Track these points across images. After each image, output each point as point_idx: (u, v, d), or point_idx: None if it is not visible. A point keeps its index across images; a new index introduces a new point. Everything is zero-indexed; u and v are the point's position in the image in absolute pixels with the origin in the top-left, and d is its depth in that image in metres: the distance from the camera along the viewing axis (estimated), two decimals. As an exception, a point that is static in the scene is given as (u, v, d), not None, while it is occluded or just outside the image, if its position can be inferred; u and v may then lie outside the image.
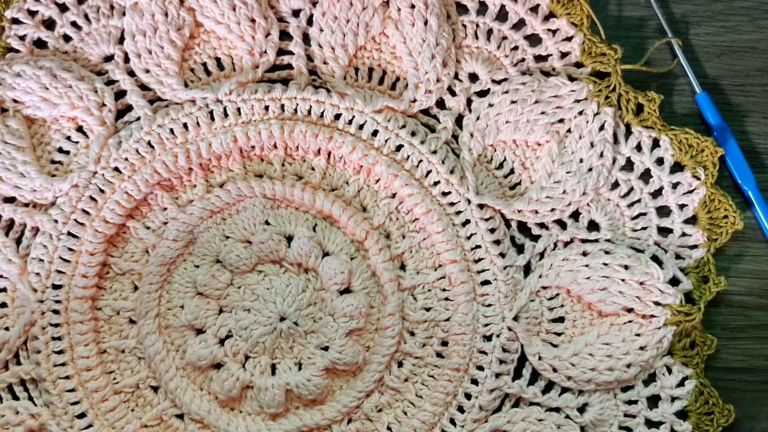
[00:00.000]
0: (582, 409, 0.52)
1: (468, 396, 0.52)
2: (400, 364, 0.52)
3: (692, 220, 0.53)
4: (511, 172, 0.54)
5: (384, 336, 0.52)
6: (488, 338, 0.52)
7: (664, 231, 0.53)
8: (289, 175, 0.53)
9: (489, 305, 0.52)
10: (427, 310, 0.53)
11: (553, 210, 0.52)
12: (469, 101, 0.53)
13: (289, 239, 0.53)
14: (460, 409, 0.52)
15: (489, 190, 0.53)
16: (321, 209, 0.53)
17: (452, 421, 0.52)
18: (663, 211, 0.53)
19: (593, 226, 0.53)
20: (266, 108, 0.52)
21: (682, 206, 0.53)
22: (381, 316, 0.52)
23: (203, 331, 0.52)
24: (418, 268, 0.53)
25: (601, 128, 0.52)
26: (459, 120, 0.53)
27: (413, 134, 0.53)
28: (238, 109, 0.52)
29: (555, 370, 0.51)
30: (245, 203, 0.53)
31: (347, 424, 0.51)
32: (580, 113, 0.52)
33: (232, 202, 0.53)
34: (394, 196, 0.53)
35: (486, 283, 0.52)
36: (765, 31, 0.55)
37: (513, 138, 0.53)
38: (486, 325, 0.52)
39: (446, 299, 0.53)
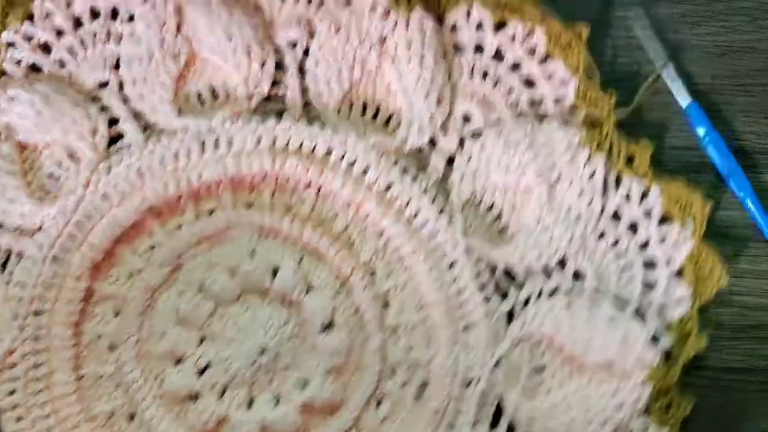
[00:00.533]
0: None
1: (445, 441, 0.51)
2: (378, 404, 0.52)
3: (678, 274, 0.52)
4: (500, 215, 0.53)
5: (364, 375, 0.51)
6: (467, 384, 0.51)
7: (650, 284, 0.52)
8: (278, 206, 0.53)
9: (470, 351, 0.52)
10: (409, 350, 0.52)
11: (539, 256, 0.52)
12: (461, 141, 0.53)
13: (275, 271, 0.53)
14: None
15: (477, 232, 0.53)
16: (308, 242, 0.53)
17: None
18: (649, 264, 0.52)
19: (579, 275, 0.53)
20: (258, 139, 0.52)
21: (668, 259, 0.52)
22: (362, 353, 0.52)
23: (183, 360, 0.52)
24: (403, 307, 0.53)
25: (592, 176, 0.52)
26: (451, 160, 0.53)
27: (404, 173, 0.52)
28: (230, 140, 0.52)
29: (532, 422, 0.51)
30: (233, 232, 0.53)
31: (323, 463, 0.51)
32: (572, 160, 0.52)
33: (220, 231, 0.53)
34: (382, 233, 0.53)
35: (469, 327, 0.52)
36: (765, 31, 0.55)
37: (503, 181, 0.53)
38: (466, 370, 0.51)
39: (428, 341, 0.52)
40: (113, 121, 0.53)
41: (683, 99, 0.53)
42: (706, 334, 0.51)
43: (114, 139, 0.53)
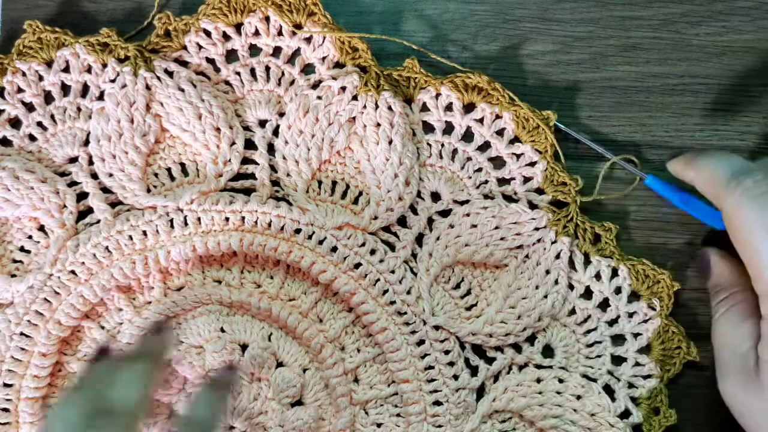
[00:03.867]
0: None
1: None
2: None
3: (646, 350, 0.53)
4: (468, 293, 0.54)
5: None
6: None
7: (618, 360, 0.53)
8: (247, 283, 0.53)
9: (440, 426, 0.52)
10: (379, 426, 0.52)
11: (508, 334, 0.52)
12: (430, 220, 0.53)
13: (243, 347, 0.52)
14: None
15: (445, 311, 0.53)
16: (277, 318, 0.52)
17: None
18: (618, 340, 0.53)
19: (548, 351, 0.53)
20: (226, 219, 0.52)
21: (636, 335, 0.53)
22: (332, 429, 0.52)
23: (149, 435, 0.51)
24: (372, 383, 0.53)
25: (558, 256, 0.53)
26: (419, 239, 0.53)
27: (372, 252, 0.53)
28: (199, 219, 0.52)
29: None
30: (201, 309, 0.53)
31: None
32: (539, 241, 0.53)
33: (188, 308, 0.53)
34: (350, 310, 0.53)
35: (438, 403, 0.52)
36: (765, 31, 0.56)
37: (472, 260, 0.53)
38: None
39: (398, 416, 0.53)
40: (83, 195, 0.53)
41: (642, 176, 0.54)
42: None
43: (83, 214, 0.53)
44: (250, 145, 0.54)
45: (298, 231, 0.52)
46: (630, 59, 0.55)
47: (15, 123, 0.54)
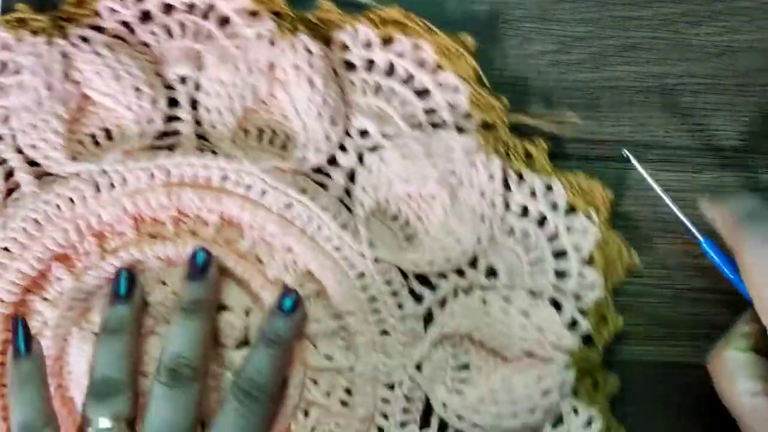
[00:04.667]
0: None
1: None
2: (306, 414, 0.51)
3: (589, 261, 0.53)
4: (407, 223, 0.53)
5: (287, 386, 0.51)
6: (391, 387, 0.51)
7: (562, 273, 0.53)
8: (183, 233, 0.53)
9: (390, 356, 0.52)
10: (329, 358, 0.52)
11: (449, 260, 0.52)
12: (360, 157, 0.53)
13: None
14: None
15: (385, 243, 0.53)
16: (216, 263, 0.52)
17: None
18: (560, 255, 0.53)
19: (492, 272, 0.53)
20: (152, 175, 0.52)
21: (577, 248, 0.53)
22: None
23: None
24: (317, 317, 0.53)
25: (491, 177, 0.52)
26: (352, 176, 0.53)
27: (303, 192, 0.52)
28: (124, 179, 0.52)
29: (460, 418, 0.51)
30: (141, 266, 0.52)
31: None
32: (471, 165, 0.52)
33: (128, 267, 0.52)
34: (289, 250, 0.53)
35: (385, 333, 0.52)
36: (765, 31, 0.55)
37: (406, 191, 0.53)
38: (388, 374, 0.51)
39: (347, 348, 0.52)
40: (11, 174, 0.52)
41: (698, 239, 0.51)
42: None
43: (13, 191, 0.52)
44: (174, 103, 0.54)
45: (225, 179, 0.52)
46: (629, 59, 0.55)
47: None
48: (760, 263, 0.45)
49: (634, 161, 0.52)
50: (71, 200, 0.52)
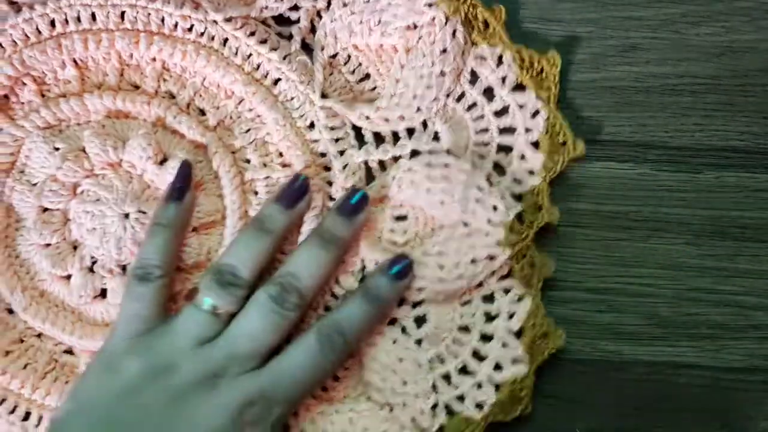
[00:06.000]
0: (419, 322, 0.50)
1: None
2: None
3: (534, 146, 0.52)
4: (367, 77, 0.53)
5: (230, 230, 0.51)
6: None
7: (505, 150, 0.52)
8: (125, 85, 0.52)
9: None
10: None
11: (402, 117, 0.51)
12: (329, 3, 0.53)
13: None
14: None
15: (339, 94, 0.52)
16: (158, 116, 0.51)
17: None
18: (505, 131, 0.52)
19: (438, 137, 0.52)
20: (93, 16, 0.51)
21: (526, 129, 0.52)
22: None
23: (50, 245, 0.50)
24: (263, 163, 0.52)
25: (453, 35, 0.52)
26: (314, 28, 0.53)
27: (263, 42, 0.52)
28: (66, 19, 0.51)
29: None
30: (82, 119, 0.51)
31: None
32: (432, 20, 0.51)
33: (66, 119, 0.51)
34: (238, 100, 0.52)
35: (331, 183, 0.52)
36: (765, 31, 0.55)
37: (367, 42, 0.52)
38: None
39: None
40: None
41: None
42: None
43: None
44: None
45: (190, 29, 0.52)
46: (630, 59, 0.55)
47: None
48: None
49: None
50: (14, 42, 0.51)
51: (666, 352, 0.52)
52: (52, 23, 0.51)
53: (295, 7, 0.53)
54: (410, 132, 0.52)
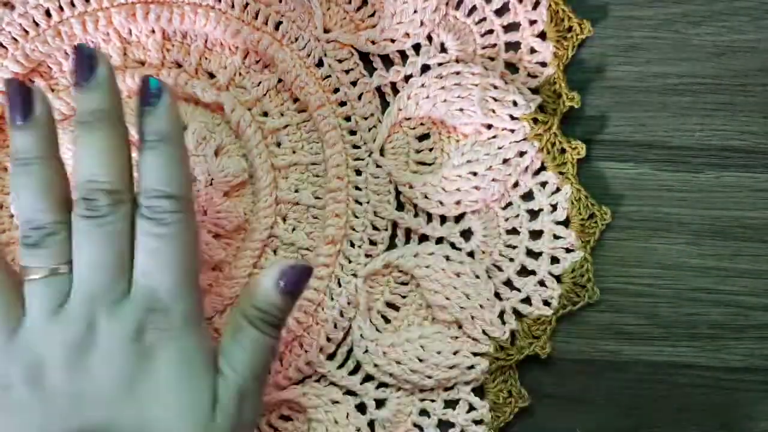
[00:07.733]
0: (466, 235, 0.51)
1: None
2: (274, 252, 0.51)
3: (541, 37, 0.52)
4: (364, 3, 0.52)
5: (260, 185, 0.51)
6: (358, 173, 0.51)
7: (514, 46, 0.52)
8: (131, 63, 0.52)
9: (358, 142, 0.52)
10: (294, 152, 0.52)
11: (407, 34, 0.51)
12: None
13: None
14: (351, 244, 0.51)
15: (344, 27, 0.52)
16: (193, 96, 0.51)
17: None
18: (509, 28, 0.52)
19: (446, 49, 0.52)
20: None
21: (530, 22, 0.52)
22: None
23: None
24: (281, 111, 0.52)
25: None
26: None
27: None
28: (61, 5, 0.50)
29: (426, 197, 0.50)
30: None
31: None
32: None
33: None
34: (235, 51, 0.52)
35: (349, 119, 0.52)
36: (765, 31, 0.55)
37: None
38: (356, 162, 0.51)
39: (315, 142, 0.52)
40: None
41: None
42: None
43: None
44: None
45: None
46: (630, 59, 0.55)
47: None
48: None
49: None
50: (14, 39, 0.50)
51: (666, 352, 0.52)
52: (48, 13, 0.50)
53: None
54: (416, 49, 0.52)
